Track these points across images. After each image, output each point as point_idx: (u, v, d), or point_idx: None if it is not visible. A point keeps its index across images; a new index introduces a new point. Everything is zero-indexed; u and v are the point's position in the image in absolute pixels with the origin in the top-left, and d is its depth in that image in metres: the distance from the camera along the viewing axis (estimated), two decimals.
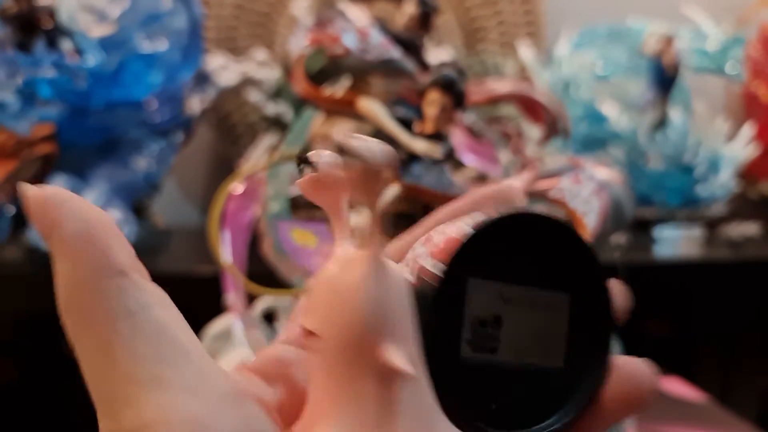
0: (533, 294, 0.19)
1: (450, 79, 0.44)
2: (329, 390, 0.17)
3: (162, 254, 0.81)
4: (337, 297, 0.17)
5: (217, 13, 0.99)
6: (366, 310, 0.17)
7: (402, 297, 0.17)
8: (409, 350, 0.17)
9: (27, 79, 0.72)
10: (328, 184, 0.17)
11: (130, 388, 0.16)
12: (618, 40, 0.98)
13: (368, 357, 0.17)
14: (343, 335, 0.17)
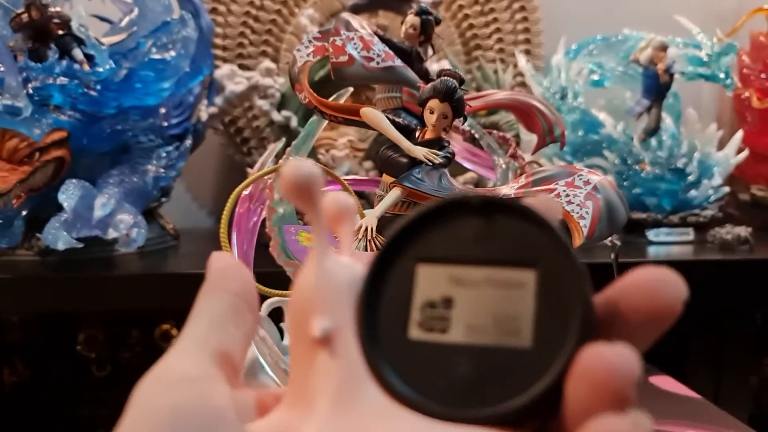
0: (492, 274, 0.19)
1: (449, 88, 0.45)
2: (290, 367, 0.21)
3: (172, 256, 0.82)
4: (295, 287, 0.21)
5: (224, 22, 1.00)
6: (302, 293, 0.21)
7: (338, 283, 0.20)
8: (337, 324, 0.20)
9: (39, 86, 0.73)
10: (295, 193, 0.20)
11: None
12: (613, 49, 0.99)
13: (303, 329, 0.20)
14: (291, 314, 0.21)
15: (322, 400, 0.19)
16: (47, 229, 0.70)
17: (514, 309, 0.18)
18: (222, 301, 0.23)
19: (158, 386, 0.20)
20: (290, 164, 0.20)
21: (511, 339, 0.18)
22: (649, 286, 0.17)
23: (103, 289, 0.70)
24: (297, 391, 0.20)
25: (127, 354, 0.89)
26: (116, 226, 0.73)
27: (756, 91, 1.03)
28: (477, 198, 0.19)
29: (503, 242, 0.19)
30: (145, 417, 0.19)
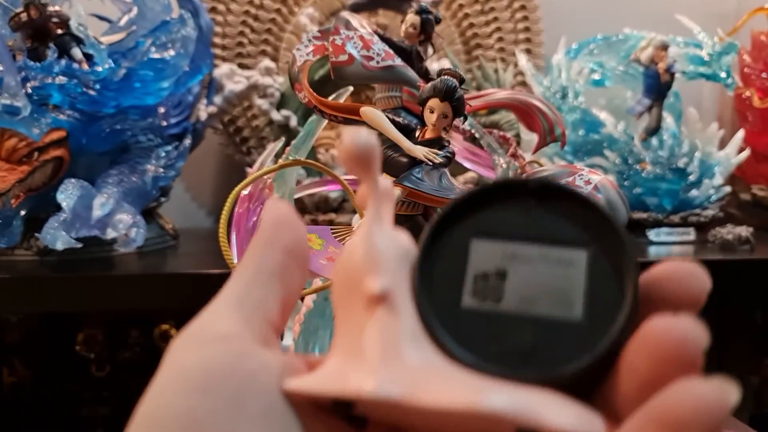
0: (544, 252, 0.20)
1: (450, 87, 0.45)
2: (337, 326, 0.21)
3: (171, 256, 0.82)
4: (344, 252, 0.21)
5: (224, 21, 1.00)
6: (357, 254, 0.21)
7: (393, 247, 0.21)
8: (392, 285, 0.20)
9: (38, 85, 0.73)
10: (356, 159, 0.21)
11: None
12: (614, 49, 0.99)
13: (356, 288, 0.20)
14: (342, 275, 0.21)
15: (372, 350, 0.19)
16: (46, 229, 0.70)
17: (566, 284, 0.19)
18: (270, 257, 0.22)
19: (191, 343, 0.20)
20: (350, 131, 0.20)
21: (563, 311, 0.19)
22: (677, 277, 0.18)
23: (103, 289, 0.70)
24: (346, 344, 0.20)
25: (127, 354, 0.89)
26: (115, 225, 0.73)
27: (757, 91, 1.03)
28: (534, 181, 0.20)
29: (556, 223, 0.20)
30: (177, 374, 0.19)
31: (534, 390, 0.17)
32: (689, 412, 0.15)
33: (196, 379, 0.18)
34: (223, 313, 0.21)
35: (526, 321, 0.19)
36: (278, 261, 0.22)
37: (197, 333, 0.20)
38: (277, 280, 0.22)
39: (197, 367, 0.19)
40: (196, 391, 0.18)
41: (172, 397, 0.18)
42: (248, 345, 0.20)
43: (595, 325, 0.18)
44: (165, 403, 0.18)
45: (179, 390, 0.18)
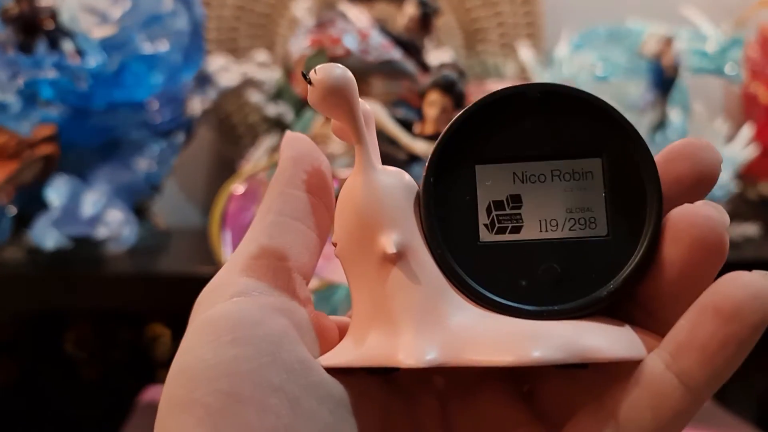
0: (556, 166, 0.18)
1: (450, 80, 0.44)
2: (352, 289, 0.20)
3: (163, 255, 0.81)
4: (343, 205, 0.20)
5: (218, 14, 0.99)
6: (361, 208, 0.19)
7: (396, 193, 0.19)
8: (405, 237, 0.19)
9: (28, 80, 0.72)
10: (328, 100, 0.19)
11: None
12: (617, 42, 0.98)
13: (368, 247, 0.19)
14: (347, 232, 0.20)
15: (405, 319, 0.18)
16: (36, 227, 0.70)
17: (586, 199, 0.18)
18: (293, 198, 0.21)
19: (215, 298, 0.19)
20: (322, 67, 0.19)
21: (587, 230, 0.18)
22: (691, 152, 0.18)
23: (93, 287, 0.69)
24: (372, 310, 0.19)
25: (117, 354, 0.88)
26: (106, 223, 0.72)
27: (764, 85, 1.01)
28: (532, 87, 0.18)
29: (564, 132, 0.18)
30: (205, 327, 0.18)
31: (575, 326, 0.17)
32: (744, 299, 0.16)
33: (224, 330, 0.18)
34: (246, 264, 0.20)
35: (550, 247, 0.18)
36: (301, 201, 0.21)
37: (219, 288, 0.20)
38: (302, 222, 0.21)
39: (223, 319, 0.18)
40: (225, 343, 0.18)
41: (202, 349, 0.18)
42: (273, 298, 0.19)
43: (623, 238, 0.18)
44: (196, 356, 0.18)
45: (209, 342, 0.18)
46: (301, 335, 0.19)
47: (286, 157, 0.21)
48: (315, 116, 0.52)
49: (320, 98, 0.19)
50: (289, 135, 0.22)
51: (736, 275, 0.16)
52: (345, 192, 0.20)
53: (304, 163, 0.21)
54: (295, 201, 0.21)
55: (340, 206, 0.20)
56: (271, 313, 0.19)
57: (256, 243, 0.20)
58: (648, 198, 0.17)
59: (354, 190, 0.20)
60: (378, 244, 0.19)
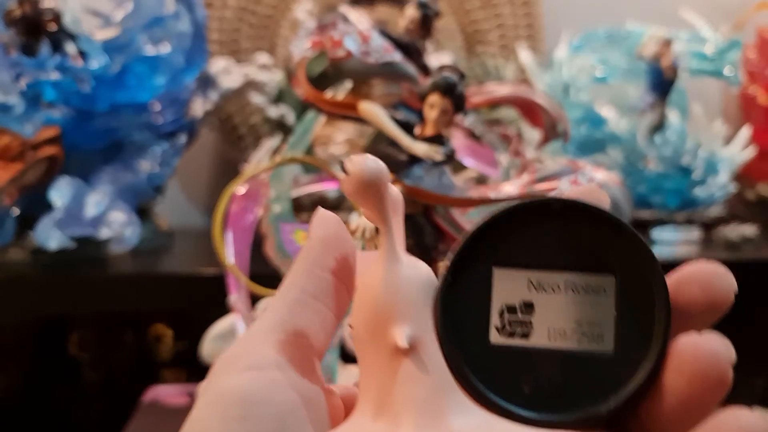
0: (571, 279, 0.19)
1: (450, 83, 0.44)
2: (362, 373, 0.20)
3: (166, 256, 0.81)
4: (362, 293, 0.21)
5: (220, 16, 0.99)
6: (378, 299, 0.20)
7: (414, 287, 0.20)
8: (418, 331, 0.19)
9: (32, 82, 0.72)
10: (360, 191, 0.20)
11: None
12: (617, 44, 0.98)
13: (382, 338, 0.20)
14: (364, 321, 0.20)
15: (408, 412, 0.19)
16: (39, 228, 0.70)
17: (596, 314, 0.18)
18: (317, 278, 0.21)
19: (230, 369, 0.20)
20: (355, 159, 0.20)
21: (594, 344, 0.18)
22: (703, 278, 0.18)
23: (96, 289, 0.69)
24: (378, 399, 0.20)
25: (120, 355, 0.89)
26: (109, 224, 0.72)
27: (762, 88, 1.02)
28: (557, 201, 0.19)
29: (582, 246, 0.19)
30: (216, 399, 0.19)
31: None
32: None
33: (234, 405, 0.18)
34: (264, 337, 0.20)
35: (556, 356, 0.18)
36: (325, 282, 0.22)
37: (236, 358, 0.20)
38: (323, 302, 0.21)
39: (235, 393, 0.19)
40: (234, 418, 0.18)
41: (211, 422, 0.18)
42: (287, 374, 0.20)
43: (627, 357, 0.18)
44: (204, 428, 0.18)
45: (218, 416, 0.18)
46: (311, 414, 0.20)
47: (316, 237, 0.22)
48: (317, 118, 0.53)
49: (353, 188, 0.20)
50: (320, 214, 0.23)
51: (736, 415, 0.16)
52: (366, 280, 0.21)
53: (332, 245, 0.22)
54: (319, 281, 0.21)
55: (360, 292, 0.21)
56: (282, 391, 0.19)
57: (278, 317, 0.21)
58: (656, 321, 0.18)
59: (374, 280, 0.21)
60: (391, 336, 0.20)
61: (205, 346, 0.62)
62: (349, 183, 0.20)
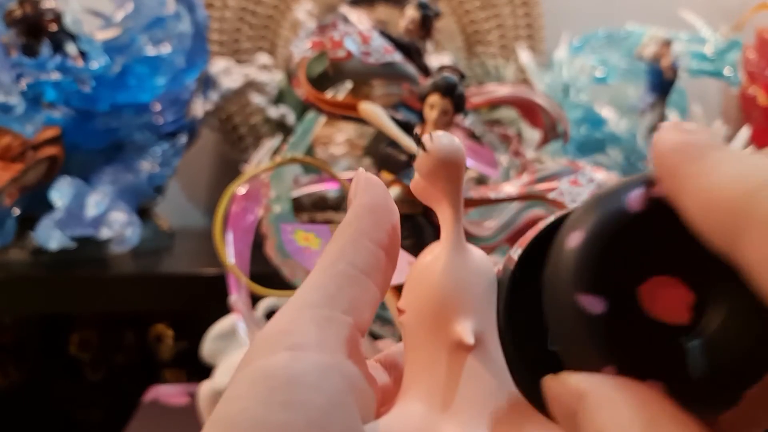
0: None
1: (450, 83, 0.44)
2: (413, 362, 0.19)
3: (166, 256, 0.81)
4: (422, 278, 0.20)
5: (220, 17, 0.99)
6: (442, 289, 0.19)
7: (478, 279, 0.19)
8: (481, 325, 0.18)
9: (32, 82, 0.72)
10: (441, 169, 0.19)
11: None
12: (616, 45, 0.98)
13: (442, 330, 0.19)
14: (423, 310, 0.19)
15: (465, 406, 0.18)
16: (40, 228, 0.70)
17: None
18: (365, 251, 0.20)
19: (279, 346, 0.18)
20: (435, 136, 0.19)
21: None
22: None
23: (97, 289, 0.69)
24: (430, 392, 0.19)
25: (121, 356, 0.89)
26: (110, 224, 0.72)
27: (762, 88, 1.02)
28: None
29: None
30: (261, 380, 0.17)
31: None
32: None
33: (279, 389, 0.17)
34: (311, 314, 0.18)
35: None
36: (374, 256, 0.20)
37: (281, 335, 0.18)
38: (372, 278, 0.20)
39: (281, 375, 0.17)
40: (278, 404, 0.16)
41: (252, 403, 0.17)
42: (335, 357, 0.18)
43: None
44: (244, 409, 0.17)
45: (261, 399, 0.17)
46: (357, 398, 0.18)
47: (363, 204, 0.20)
48: (317, 118, 0.53)
49: (431, 165, 0.19)
50: (363, 177, 0.21)
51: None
52: (428, 266, 0.20)
53: (380, 215, 0.20)
54: (368, 254, 0.20)
55: (419, 278, 0.20)
56: (331, 377, 0.17)
57: (324, 291, 0.19)
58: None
59: (438, 268, 0.19)
60: (454, 329, 0.19)
61: (205, 346, 0.62)
62: (427, 160, 0.19)
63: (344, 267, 0.19)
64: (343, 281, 0.19)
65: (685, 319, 0.17)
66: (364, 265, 0.20)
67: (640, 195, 0.17)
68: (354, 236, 0.20)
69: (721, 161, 0.15)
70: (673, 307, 0.17)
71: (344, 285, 0.19)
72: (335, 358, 0.18)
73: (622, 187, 0.17)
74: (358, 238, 0.20)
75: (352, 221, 0.20)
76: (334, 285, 0.19)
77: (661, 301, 0.17)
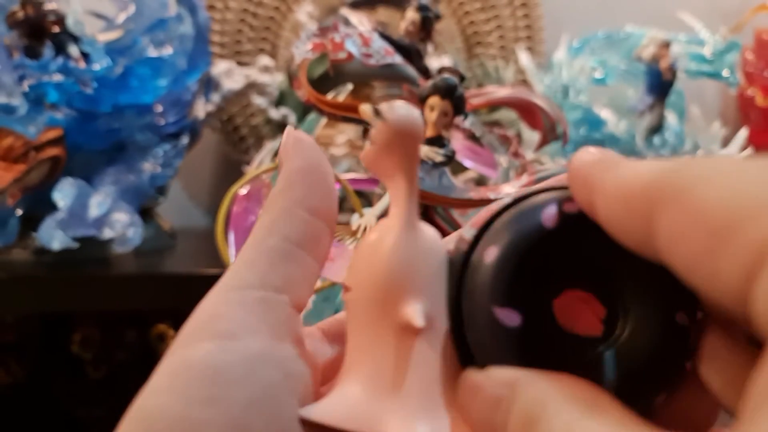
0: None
1: (450, 85, 0.44)
2: (357, 343, 0.18)
3: (168, 256, 0.81)
4: (370, 256, 0.18)
5: (221, 19, 1.00)
6: (391, 268, 0.18)
7: (430, 259, 0.18)
8: (431, 307, 0.18)
9: (34, 83, 0.72)
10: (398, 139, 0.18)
11: None
12: (616, 46, 0.99)
13: (390, 311, 0.18)
14: (370, 289, 0.18)
15: (412, 391, 0.17)
16: (42, 228, 0.70)
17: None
18: (300, 222, 0.18)
19: (202, 336, 0.16)
20: (394, 104, 0.18)
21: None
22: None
23: (99, 288, 0.69)
24: (373, 375, 0.18)
25: (123, 355, 0.89)
26: (112, 225, 0.73)
27: (760, 89, 1.02)
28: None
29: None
30: (180, 372, 0.16)
31: None
32: None
33: (200, 384, 0.15)
34: (240, 297, 0.17)
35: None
36: (310, 226, 0.18)
37: (206, 323, 0.17)
38: (308, 251, 0.18)
39: (203, 369, 0.16)
40: (198, 400, 0.15)
41: (171, 399, 0.15)
42: (269, 344, 0.16)
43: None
44: (161, 404, 0.15)
45: (180, 393, 0.15)
46: (292, 386, 0.16)
47: (293, 169, 0.19)
48: (318, 119, 0.53)
49: (390, 136, 0.18)
50: (293, 136, 0.19)
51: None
52: (376, 243, 0.18)
53: (314, 179, 0.19)
54: (302, 225, 0.18)
55: (368, 255, 0.18)
56: (261, 367, 0.16)
57: (255, 270, 0.17)
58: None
59: (387, 245, 0.18)
60: (403, 311, 0.18)
61: None
62: (384, 129, 0.18)
63: (276, 241, 0.18)
64: (275, 257, 0.18)
65: (598, 331, 0.17)
66: (299, 237, 0.18)
67: (554, 212, 0.17)
68: (286, 206, 0.18)
69: (634, 164, 0.15)
70: (586, 320, 0.17)
71: (277, 261, 0.18)
72: (266, 344, 0.16)
73: (537, 204, 0.18)
74: (290, 207, 0.18)
75: (283, 189, 0.19)
76: (266, 261, 0.18)
77: (574, 314, 0.17)
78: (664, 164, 0.14)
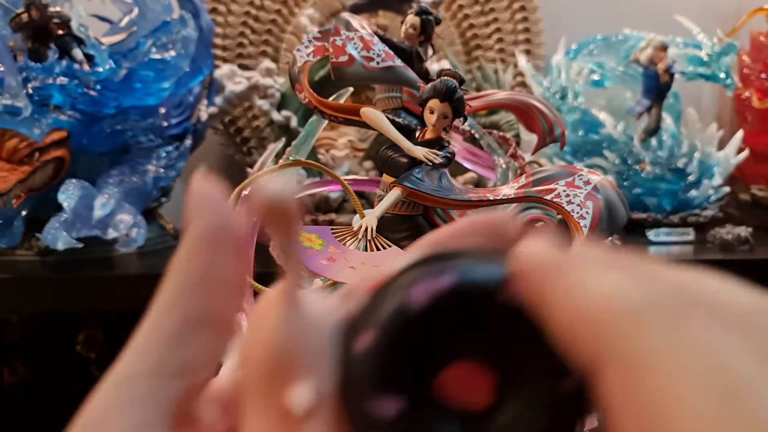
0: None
1: (449, 88, 0.45)
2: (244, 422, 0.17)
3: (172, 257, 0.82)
4: (254, 334, 0.17)
5: (224, 22, 1.00)
6: (273, 351, 0.16)
7: (316, 334, 0.16)
8: (317, 388, 0.16)
9: (39, 86, 0.73)
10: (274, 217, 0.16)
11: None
12: (613, 49, 1.00)
13: (273, 393, 0.16)
14: (254, 371, 0.16)
15: None
16: (47, 229, 0.70)
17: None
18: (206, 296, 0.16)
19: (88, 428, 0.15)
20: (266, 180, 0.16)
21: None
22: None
23: (103, 289, 0.70)
24: None
25: None
26: (116, 226, 0.73)
27: (756, 91, 1.03)
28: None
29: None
30: None
31: None
32: None
33: None
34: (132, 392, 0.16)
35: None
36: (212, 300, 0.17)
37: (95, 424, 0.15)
38: (210, 327, 0.16)
39: None
40: None
41: None
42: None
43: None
44: None
45: None
46: None
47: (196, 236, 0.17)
48: (320, 122, 0.54)
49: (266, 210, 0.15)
50: (198, 192, 0.17)
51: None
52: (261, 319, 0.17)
53: (220, 242, 0.17)
54: (205, 301, 0.16)
55: (252, 331, 0.17)
56: None
57: (149, 357, 0.16)
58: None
59: (272, 321, 0.16)
60: (286, 398, 0.16)
61: None
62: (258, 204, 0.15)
63: (175, 323, 0.16)
64: (172, 340, 0.16)
65: (485, 402, 0.16)
66: (201, 315, 0.16)
67: (424, 289, 0.16)
68: (186, 281, 0.17)
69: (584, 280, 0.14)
70: (476, 390, 0.16)
71: (174, 344, 0.16)
72: None
73: (405, 281, 0.16)
74: (191, 282, 0.16)
75: (185, 260, 0.17)
76: (163, 345, 0.16)
77: (463, 385, 0.16)
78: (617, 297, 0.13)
